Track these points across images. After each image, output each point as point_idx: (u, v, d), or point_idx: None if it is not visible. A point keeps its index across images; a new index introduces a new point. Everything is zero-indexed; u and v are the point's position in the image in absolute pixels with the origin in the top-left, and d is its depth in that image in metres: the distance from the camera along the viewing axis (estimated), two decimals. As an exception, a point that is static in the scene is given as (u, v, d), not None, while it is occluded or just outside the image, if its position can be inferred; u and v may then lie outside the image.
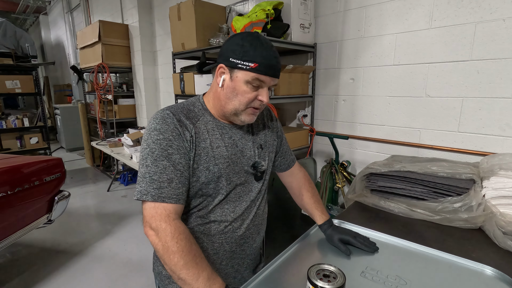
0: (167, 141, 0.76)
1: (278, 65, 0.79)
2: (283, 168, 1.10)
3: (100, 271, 2.30)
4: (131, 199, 3.77)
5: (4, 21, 4.83)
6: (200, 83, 2.45)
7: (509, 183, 1.13)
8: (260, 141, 0.94)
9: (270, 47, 0.78)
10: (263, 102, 0.80)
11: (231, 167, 0.84)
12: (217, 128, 0.85)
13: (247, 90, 0.78)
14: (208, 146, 0.81)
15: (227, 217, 0.87)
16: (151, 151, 0.75)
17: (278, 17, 1.97)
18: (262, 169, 0.93)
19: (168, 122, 0.77)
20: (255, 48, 0.76)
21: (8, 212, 1.88)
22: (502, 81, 1.47)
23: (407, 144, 1.86)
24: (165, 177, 0.74)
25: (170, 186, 0.74)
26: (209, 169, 0.81)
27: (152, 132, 0.77)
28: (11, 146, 4.67)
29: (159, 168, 0.74)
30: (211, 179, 0.82)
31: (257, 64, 0.75)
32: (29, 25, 9.74)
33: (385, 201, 1.30)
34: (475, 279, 0.80)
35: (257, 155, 0.92)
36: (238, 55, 0.76)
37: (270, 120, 1.02)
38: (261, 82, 0.78)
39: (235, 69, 0.77)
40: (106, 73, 4.00)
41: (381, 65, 1.91)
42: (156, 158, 0.75)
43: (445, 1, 1.59)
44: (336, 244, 0.95)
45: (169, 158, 0.75)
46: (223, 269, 0.92)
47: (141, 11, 3.96)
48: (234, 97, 0.79)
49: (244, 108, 0.81)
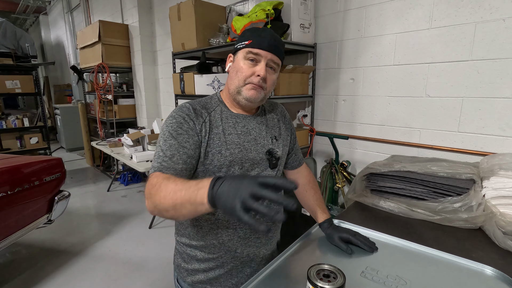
0: (178, 124, 0.83)
1: (273, 41, 0.84)
2: (294, 166, 1.11)
3: (100, 271, 2.30)
4: (131, 199, 3.77)
5: (4, 21, 4.82)
6: (200, 83, 2.45)
7: (509, 183, 1.13)
8: (275, 133, 0.98)
9: (265, 29, 0.87)
10: (260, 75, 0.83)
11: (243, 153, 0.88)
12: (230, 117, 0.90)
13: (245, 66, 0.84)
14: (220, 132, 0.86)
15: None
16: (163, 133, 0.83)
17: (278, 17, 1.97)
18: (277, 155, 0.95)
19: (183, 110, 0.86)
20: (251, 31, 0.87)
21: (8, 212, 1.88)
22: (502, 81, 1.47)
23: (407, 144, 1.86)
24: (168, 153, 0.80)
25: (171, 160, 0.79)
26: (221, 152, 0.85)
27: (168, 118, 0.86)
28: (11, 146, 4.67)
29: (166, 146, 0.81)
30: (223, 163, 0.85)
31: (251, 41, 0.83)
32: (29, 25, 9.73)
33: (385, 201, 1.30)
34: (475, 279, 0.80)
35: (271, 143, 0.95)
36: (239, 40, 0.87)
37: (284, 117, 1.06)
38: (255, 55, 0.83)
39: (237, 52, 0.87)
40: (106, 73, 4.00)
41: (381, 65, 1.91)
42: (166, 138, 0.82)
43: (445, 1, 1.59)
44: (337, 242, 0.95)
45: (176, 138, 0.81)
46: (239, 256, 0.93)
47: (141, 11, 3.96)
48: (234, 75, 0.87)
49: (243, 84, 0.85)
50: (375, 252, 0.93)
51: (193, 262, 0.94)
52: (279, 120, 1.02)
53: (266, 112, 1.00)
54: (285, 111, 1.08)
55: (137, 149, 3.35)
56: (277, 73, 0.89)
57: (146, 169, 2.89)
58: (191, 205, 0.60)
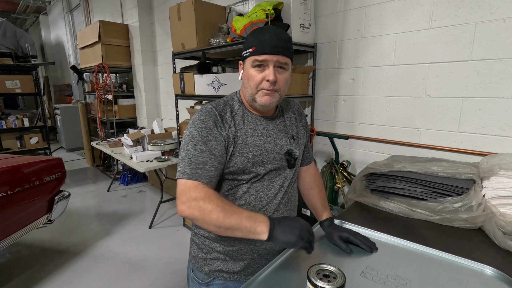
0: (207, 130, 0.85)
1: (276, 41, 0.83)
2: (305, 162, 1.13)
3: (100, 271, 2.30)
4: (131, 199, 3.77)
5: (4, 21, 4.82)
6: (200, 83, 2.45)
7: (509, 183, 1.13)
8: (292, 132, 1.01)
9: (267, 29, 0.85)
10: (269, 80, 0.84)
11: (264, 154, 0.91)
12: (251, 119, 0.93)
13: (254, 73, 0.85)
14: (243, 135, 0.89)
15: (262, 201, 0.93)
16: (192, 137, 0.85)
17: (278, 17, 1.97)
18: (296, 156, 0.99)
19: (211, 114, 0.87)
20: (253, 35, 0.86)
21: (8, 212, 1.88)
22: (502, 81, 1.47)
23: (407, 144, 1.86)
24: (201, 160, 0.82)
25: (204, 168, 0.82)
26: (244, 155, 0.88)
27: (196, 122, 0.87)
28: (11, 146, 4.67)
29: (197, 151, 0.83)
30: (246, 165, 0.89)
31: (254, 48, 0.84)
32: (29, 25, 9.73)
33: (385, 201, 1.30)
34: (475, 279, 0.80)
35: (290, 144, 0.98)
36: (244, 47, 0.87)
37: (301, 115, 1.09)
38: (261, 62, 0.84)
39: (245, 60, 0.88)
40: (106, 73, 4.00)
41: (381, 65, 1.91)
42: (196, 143, 0.84)
43: (445, 1, 1.59)
44: (336, 242, 0.95)
45: (206, 144, 0.84)
46: (257, 249, 0.95)
47: (141, 11, 3.96)
48: (247, 84, 0.88)
49: (256, 91, 0.87)
50: (375, 252, 0.93)
51: (213, 252, 0.96)
52: (296, 119, 1.05)
53: (284, 112, 1.02)
54: (301, 108, 1.11)
55: (137, 149, 3.35)
56: (288, 71, 0.88)
57: (146, 169, 2.89)
58: (247, 233, 0.77)
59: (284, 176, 0.98)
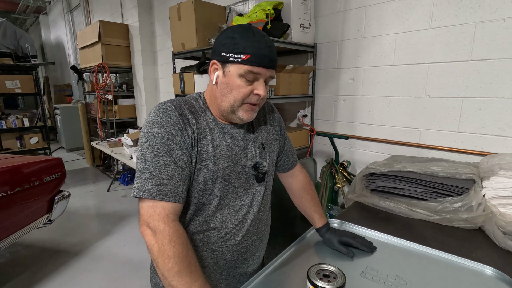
0: (169, 135, 0.71)
1: (272, 55, 0.74)
2: (285, 169, 1.04)
3: (100, 271, 2.30)
4: (131, 199, 3.77)
5: (4, 21, 4.82)
6: (200, 83, 2.44)
7: (509, 183, 1.13)
8: (262, 140, 0.89)
9: (261, 36, 0.73)
10: (260, 95, 0.75)
11: (231, 167, 0.80)
12: (217, 126, 0.80)
13: (242, 84, 0.73)
14: (209, 144, 0.77)
15: (228, 223, 0.82)
16: (151, 145, 0.71)
17: (278, 17, 1.97)
18: (263, 170, 0.87)
19: (171, 115, 0.73)
20: (246, 39, 0.71)
21: (8, 212, 1.87)
22: (502, 81, 1.47)
23: (407, 144, 1.86)
24: (165, 174, 0.70)
25: (170, 183, 0.70)
26: (208, 168, 0.76)
27: (153, 125, 0.72)
28: (11, 146, 4.67)
29: (159, 163, 0.70)
30: (209, 179, 0.77)
31: (249, 56, 0.70)
32: (29, 25, 9.73)
33: (385, 201, 1.30)
34: (475, 279, 0.80)
35: (258, 155, 0.86)
36: (229, 48, 0.71)
37: (272, 112, 0.96)
38: (255, 74, 0.73)
39: (227, 63, 0.73)
40: (106, 73, 4.00)
41: (381, 65, 1.91)
42: (156, 153, 0.70)
43: (445, 1, 1.59)
44: (337, 247, 0.93)
45: (170, 154, 0.71)
46: (224, 279, 0.87)
47: (141, 11, 3.96)
48: (228, 93, 0.75)
49: (240, 104, 0.75)
50: (374, 252, 0.93)
51: None
52: (266, 123, 0.92)
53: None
54: (272, 108, 0.98)
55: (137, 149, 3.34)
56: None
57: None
58: None
59: (253, 193, 0.86)
